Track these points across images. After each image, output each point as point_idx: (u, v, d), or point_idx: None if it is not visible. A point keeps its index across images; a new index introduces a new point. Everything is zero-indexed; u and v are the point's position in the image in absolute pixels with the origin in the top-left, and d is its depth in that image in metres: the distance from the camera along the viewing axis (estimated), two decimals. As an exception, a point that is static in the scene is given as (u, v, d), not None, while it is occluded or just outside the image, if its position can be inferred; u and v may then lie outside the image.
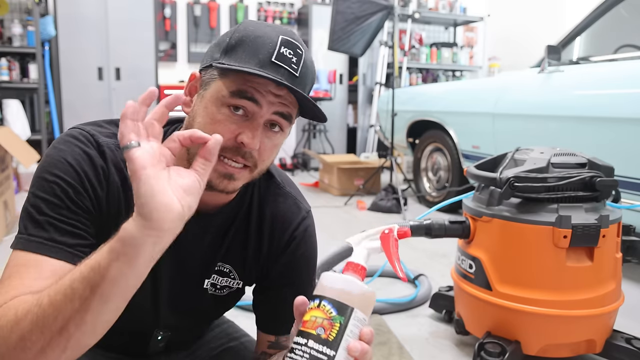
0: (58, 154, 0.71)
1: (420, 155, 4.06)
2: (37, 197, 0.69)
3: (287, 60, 0.70)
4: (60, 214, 0.68)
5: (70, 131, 0.75)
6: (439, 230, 1.57)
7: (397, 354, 1.60)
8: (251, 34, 0.71)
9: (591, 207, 1.42)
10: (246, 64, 0.69)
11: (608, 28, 2.79)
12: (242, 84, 0.69)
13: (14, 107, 4.49)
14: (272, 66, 0.69)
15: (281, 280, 0.87)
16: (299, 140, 6.03)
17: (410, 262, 2.44)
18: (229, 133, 0.69)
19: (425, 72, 6.75)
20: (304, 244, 0.87)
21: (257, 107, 0.69)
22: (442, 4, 6.56)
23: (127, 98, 4.11)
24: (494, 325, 1.47)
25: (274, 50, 0.69)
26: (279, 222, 0.86)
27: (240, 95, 0.69)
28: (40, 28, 4.59)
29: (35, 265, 0.65)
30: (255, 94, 0.69)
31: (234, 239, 0.85)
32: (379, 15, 3.97)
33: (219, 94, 0.70)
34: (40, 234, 0.67)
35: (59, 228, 0.68)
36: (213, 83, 0.71)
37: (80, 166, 0.71)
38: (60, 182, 0.69)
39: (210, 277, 0.85)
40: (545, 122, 2.62)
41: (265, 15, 6.24)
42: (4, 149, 2.85)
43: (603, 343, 1.46)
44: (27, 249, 0.66)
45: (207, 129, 0.69)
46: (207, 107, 0.71)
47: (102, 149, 0.74)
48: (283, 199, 0.87)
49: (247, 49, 0.70)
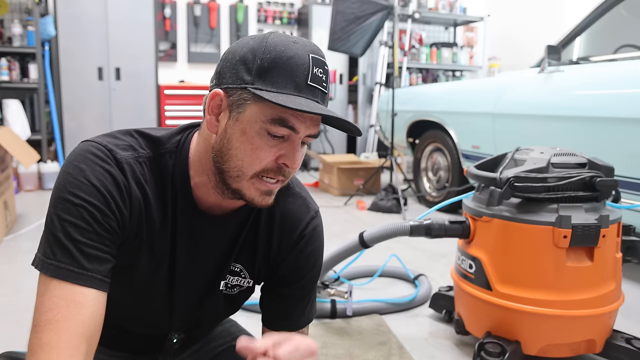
0: (80, 174, 0.70)
1: (420, 155, 4.06)
2: (64, 221, 0.69)
3: (319, 80, 0.71)
4: (88, 237, 0.69)
5: (86, 146, 0.74)
6: (439, 230, 1.57)
7: (397, 354, 1.60)
8: (283, 54, 0.69)
9: (591, 207, 1.42)
10: (283, 88, 0.69)
11: (608, 28, 2.79)
12: (282, 112, 0.69)
13: (14, 107, 4.48)
14: (309, 89, 0.70)
15: (289, 278, 0.88)
16: (299, 140, 6.03)
17: (410, 262, 2.44)
18: (271, 156, 0.72)
19: (425, 72, 6.75)
20: (313, 242, 0.89)
21: (294, 132, 0.71)
22: (442, 4, 6.56)
23: (127, 98, 4.17)
24: (494, 325, 1.47)
25: (308, 72, 0.70)
26: (289, 221, 0.87)
27: (281, 124, 0.70)
28: (40, 28, 4.59)
29: (72, 299, 0.67)
30: (295, 122, 0.70)
31: (246, 239, 0.86)
32: (379, 15, 3.97)
33: (257, 119, 0.70)
34: (69, 260, 0.68)
35: (88, 254, 0.69)
36: (248, 107, 0.70)
37: (104, 187, 0.71)
38: (87, 206, 0.69)
39: (225, 277, 0.87)
40: (545, 122, 2.62)
41: (265, 15, 6.24)
42: (4, 149, 2.85)
43: (603, 343, 1.46)
44: (58, 277, 0.68)
45: (247, 154, 0.71)
46: (245, 132, 0.71)
47: (121, 165, 0.73)
48: (292, 199, 0.88)
49: (282, 73, 0.69)
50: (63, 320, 0.66)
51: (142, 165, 0.76)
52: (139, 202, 0.75)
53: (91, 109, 4.97)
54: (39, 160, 3.92)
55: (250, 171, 0.72)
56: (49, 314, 0.66)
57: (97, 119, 5.01)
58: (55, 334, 0.65)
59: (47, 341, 0.65)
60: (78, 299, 0.68)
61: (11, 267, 2.36)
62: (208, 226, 0.82)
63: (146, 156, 0.77)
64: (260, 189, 0.74)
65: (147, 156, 0.77)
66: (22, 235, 2.90)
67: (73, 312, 0.67)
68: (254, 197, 0.74)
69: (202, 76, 5.94)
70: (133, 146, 0.77)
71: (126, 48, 5.02)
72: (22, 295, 2.04)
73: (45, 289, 0.68)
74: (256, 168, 0.72)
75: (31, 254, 1.73)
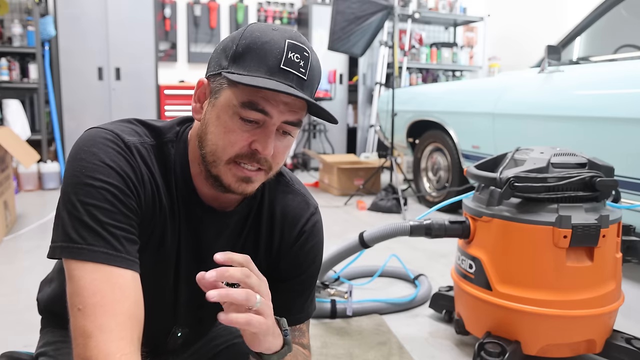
0: (94, 158, 0.71)
1: (420, 155, 4.06)
2: (89, 205, 0.68)
3: (295, 65, 0.70)
4: (115, 219, 0.69)
5: (93, 132, 0.75)
6: (439, 230, 1.57)
7: (397, 354, 1.59)
8: (258, 40, 0.70)
9: (591, 207, 1.42)
10: (255, 72, 0.69)
11: (608, 28, 2.79)
12: (252, 95, 0.69)
13: (14, 107, 4.48)
14: (281, 73, 0.69)
15: (289, 273, 0.89)
16: (299, 140, 6.03)
17: (410, 262, 2.44)
18: (243, 141, 0.71)
19: (425, 72, 6.75)
20: (313, 238, 0.90)
21: (268, 117, 0.71)
22: (442, 4, 6.56)
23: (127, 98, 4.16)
24: (494, 325, 1.47)
25: (282, 56, 0.70)
26: (289, 218, 0.88)
27: (251, 107, 0.70)
28: (40, 28, 4.58)
29: (114, 282, 0.67)
30: (265, 105, 0.70)
31: (248, 236, 0.87)
32: (379, 15, 3.96)
33: (230, 103, 0.71)
34: (102, 243, 0.68)
35: (117, 236, 0.69)
36: (223, 92, 0.72)
37: (120, 168, 0.71)
38: (109, 187, 0.69)
39: None
40: (545, 122, 2.62)
41: (265, 15, 6.24)
42: (4, 149, 2.85)
43: (603, 343, 1.46)
44: (94, 260, 0.67)
45: (220, 138, 0.72)
46: (219, 117, 0.72)
47: (130, 148, 0.74)
48: (292, 196, 0.89)
49: (255, 57, 0.70)
50: (112, 303, 0.66)
51: (147, 151, 0.77)
52: (150, 185, 0.76)
53: (91, 109, 4.97)
54: (39, 160, 3.92)
55: (225, 156, 0.72)
56: (96, 297, 0.66)
57: (97, 119, 5.01)
58: (111, 317, 0.65)
59: (102, 323, 0.64)
60: (119, 282, 0.67)
61: (11, 267, 2.36)
62: (209, 219, 0.83)
63: (150, 143, 0.78)
64: (237, 174, 0.73)
65: (151, 143, 0.78)
66: (22, 235, 2.90)
67: (118, 294, 0.67)
68: (230, 182, 0.74)
69: (202, 76, 5.93)
70: (138, 132, 0.78)
71: (126, 48, 5.02)
72: (22, 295, 2.04)
73: (82, 273, 0.67)
74: (230, 152, 0.72)
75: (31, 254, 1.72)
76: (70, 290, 0.67)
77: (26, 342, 1.57)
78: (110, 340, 0.64)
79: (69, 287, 0.68)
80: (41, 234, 2.94)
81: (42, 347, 0.96)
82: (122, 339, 0.65)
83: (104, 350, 0.63)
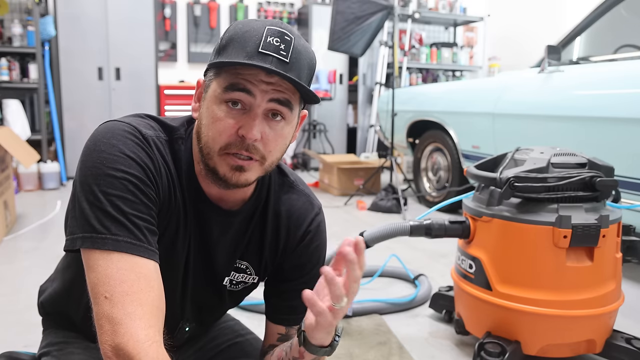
0: (114, 149, 0.71)
1: (420, 155, 4.06)
2: (112, 195, 0.69)
3: (274, 48, 0.71)
4: (137, 209, 0.70)
5: (111, 124, 0.75)
6: (439, 230, 1.57)
7: (397, 354, 1.60)
8: (240, 30, 0.73)
9: (591, 207, 1.42)
10: (235, 58, 0.71)
11: (608, 28, 2.79)
12: (233, 78, 0.71)
13: (14, 107, 4.48)
14: (260, 56, 0.70)
15: (294, 273, 0.90)
16: (299, 140, 6.03)
17: (410, 262, 2.44)
18: (230, 128, 0.72)
19: (425, 72, 6.75)
20: (317, 238, 0.91)
21: (251, 97, 0.71)
22: (442, 4, 6.56)
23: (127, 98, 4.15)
24: (494, 325, 1.47)
25: (260, 40, 0.71)
26: (294, 218, 0.89)
27: (233, 88, 0.71)
28: (40, 28, 4.58)
29: (139, 272, 0.68)
30: (246, 84, 0.71)
31: (252, 236, 0.88)
32: (379, 15, 3.96)
33: (216, 92, 0.73)
34: (126, 233, 0.69)
35: (140, 227, 0.70)
36: (211, 85, 0.74)
37: (140, 159, 0.73)
38: (130, 178, 0.70)
39: (229, 274, 0.89)
40: (545, 122, 2.62)
41: (265, 15, 6.23)
42: (4, 149, 2.85)
43: (603, 343, 1.46)
44: (120, 250, 0.68)
45: (210, 128, 0.73)
46: (208, 108, 0.74)
47: (148, 141, 0.76)
48: (297, 196, 0.90)
49: (236, 45, 0.72)
50: (139, 292, 0.67)
51: (163, 145, 0.78)
52: (166, 178, 0.77)
53: (91, 109, 4.96)
54: (39, 160, 3.92)
55: (216, 146, 0.73)
56: (123, 286, 0.66)
57: (97, 119, 5.00)
58: (139, 305, 0.66)
59: (131, 311, 0.65)
60: (143, 272, 0.68)
61: (11, 267, 2.36)
62: (215, 217, 0.84)
63: (164, 138, 0.79)
64: (230, 164, 0.74)
65: (165, 138, 0.79)
66: (22, 235, 2.90)
67: (143, 284, 0.68)
68: (225, 172, 0.74)
69: (202, 76, 5.93)
70: (153, 127, 0.79)
71: (126, 48, 5.01)
72: (22, 295, 2.04)
73: (107, 263, 0.67)
74: (220, 142, 0.73)
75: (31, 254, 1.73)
76: (93, 280, 0.68)
77: (26, 342, 1.57)
78: (140, 327, 0.65)
79: (92, 277, 0.68)
80: (41, 234, 2.94)
81: (45, 347, 0.97)
82: (151, 327, 0.66)
83: (134, 336, 0.64)
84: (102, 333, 0.66)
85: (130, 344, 0.64)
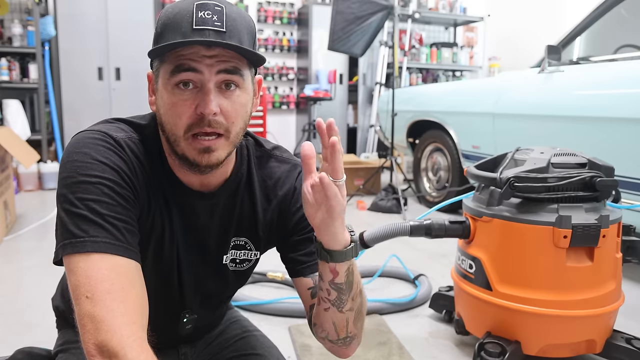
0: (87, 157, 0.72)
1: (420, 155, 4.06)
2: (88, 200, 0.69)
3: (207, 21, 0.71)
4: (114, 211, 0.71)
5: (82, 135, 0.76)
6: (439, 230, 1.57)
7: (397, 354, 1.60)
8: (170, 14, 0.73)
9: (591, 207, 1.42)
10: (172, 41, 0.71)
11: (608, 28, 2.79)
12: (177, 61, 0.72)
13: (14, 107, 4.48)
14: (195, 33, 0.71)
15: (298, 226, 0.91)
16: (299, 140, 6.03)
17: (410, 262, 2.44)
18: (188, 109, 0.73)
19: (425, 72, 6.75)
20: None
21: (199, 74, 0.72)
22: (442, 4, 6.56)
23: (127, 98, 4.14)
24: (494, 325, 1.47)
25: (192, 18, 0.71)
26: (280, 182, 0.91)
27: (178, 70, 0.72)
28: (40, 28, 4.58)
29: (120, 271, 0.68)
30: (191, 63, 0.71)
31: (242, 211, 0.89)
32: (379, 15, 3.96)
33: (164, 80, 0.74)
34: (105, 234, 0.69)
35: (119, 227, 0.70)
36: (159, 73, 0.75)
37: (113, 163, 0.73)
38: (105, 182, 0.71)
39: (227, 252, 0.90)
40: (545, 122, 2.62)
41: (265, 16, 6.24)
42: (4, 149, 2.85)
43: (603, 343, 1.46)
44: (99, 251, 0.68)
45: (169, 115, 0.74)
46: (162, 97, 0.75)
47: (120, 143, 0.76)
48: (277, 162, 0.92)
49: (170, 30, 0.72)
50: (121, 290, 0.67)
51: (136, 145, 0.79)
52: (143, 177, 0.78)
53: (91, 109, 4.96)
54: (39, 160, 3.92)
55: (179, 131, 0.74)
56: (104, 284, 0.66)
57: (97, 119, 4.89)
58: (121, 303, 0.66)
59: (114, 308, 0.65)
60: (124, 270, 0.68)
61: (11, 267, 2.36)
62: (200, 203, 0.84)
63: (136, 138, 0.80)
64: (197, 147, 0.74)
65: (137, 138, 0.80)
66: (22, 235, 2.90)
67: (125, 282, 0.68)
68: (194, 156, 0.75)
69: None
70: (123, 129, 0.80)
71: (126, 48, 5.02)
72: (22, 295, 2.04)
73: (87, 264, 0.67)
74: (182, 125, 0.73)
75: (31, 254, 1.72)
76: (74, 283, 0.67)
77: (26, 342, 1.57)
78: (123, 324, 0.65)
79: (73, 280, 0.67)
80: (41, 234, 2.94)
81: (63, 345, 0.98)
82: (134, 323, 0.66)
83: (118, 333, 0.64)
84: (84, 332, 0.65)
85: (114, 340, 0.63)
